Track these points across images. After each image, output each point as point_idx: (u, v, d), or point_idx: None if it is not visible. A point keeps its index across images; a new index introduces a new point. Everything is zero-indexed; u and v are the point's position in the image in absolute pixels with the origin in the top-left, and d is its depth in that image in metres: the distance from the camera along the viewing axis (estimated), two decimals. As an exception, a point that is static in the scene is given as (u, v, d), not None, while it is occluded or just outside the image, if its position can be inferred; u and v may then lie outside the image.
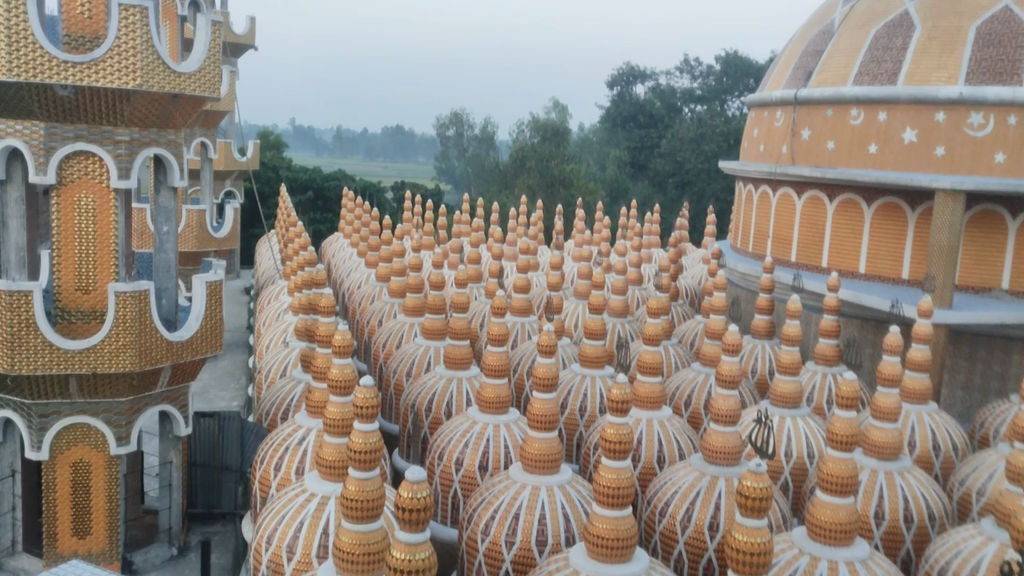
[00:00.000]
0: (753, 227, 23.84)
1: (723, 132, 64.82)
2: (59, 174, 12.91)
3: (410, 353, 18.44)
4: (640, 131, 75.64)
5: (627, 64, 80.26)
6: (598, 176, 69.83)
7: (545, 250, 33.03)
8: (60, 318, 13.26)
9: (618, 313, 21.06)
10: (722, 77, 76.94)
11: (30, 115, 12.65)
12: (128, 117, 13.07)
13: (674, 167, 65.96)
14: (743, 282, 23.31)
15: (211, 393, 24.97)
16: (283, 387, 16.01)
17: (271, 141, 70.38)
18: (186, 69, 13.46)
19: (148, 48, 12.74)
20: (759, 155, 23.57)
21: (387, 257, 24.71)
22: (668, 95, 79.03)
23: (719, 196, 57.47)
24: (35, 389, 12.72)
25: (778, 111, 22.66)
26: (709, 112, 72.12)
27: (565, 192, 57.52)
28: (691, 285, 28.14)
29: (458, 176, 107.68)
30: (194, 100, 13.87)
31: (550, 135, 64.51)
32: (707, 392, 16.79)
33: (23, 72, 12.11)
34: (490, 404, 13.97)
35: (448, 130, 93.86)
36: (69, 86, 12.38)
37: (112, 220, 13.23)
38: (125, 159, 13.17)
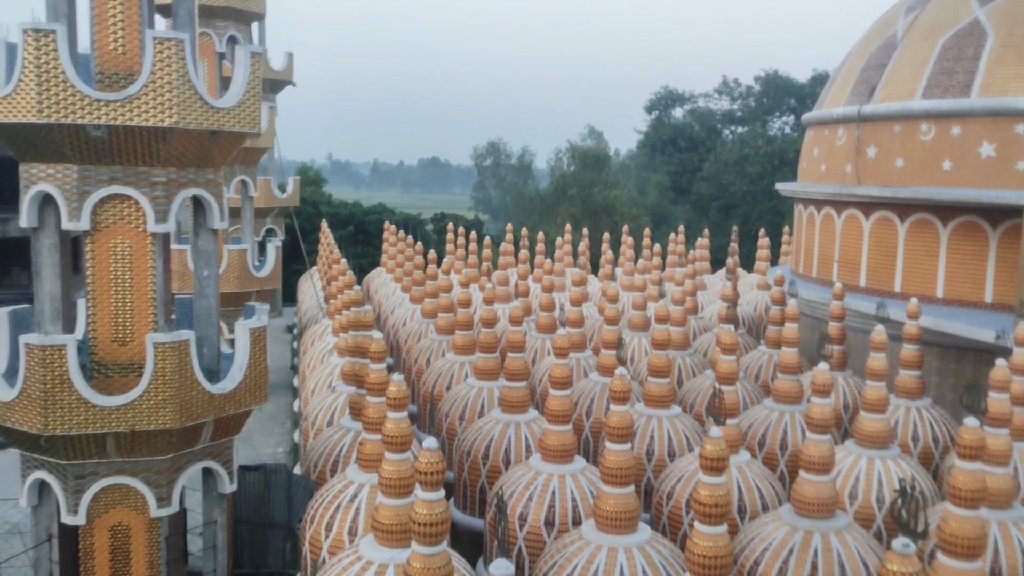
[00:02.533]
0: (817, 251, 22.60)
1: (767, 153, 63.49)
2: (93, 219, 12.22)
3: (462, 395, 17.48)
4: (680, 155, 74.53)
5: (665, 88, 79.45)
6: (640, 202, 68.75)
7: (593, 279, 31.99)
8: (96, 372, 12.51)
9: (679, 346, 19.93)
10: (762, 98, 75.69)
11: (62, 158, 12.00)
12: (165, 157, 12.38)
13: (718, 190, 64.68)
14: (808, 309, 22.05)
15: (255, 439, 24.20)
16: (331, 436, 15.11)
17: (310, 176, 70.42)
18: (225, 104, 12.77)
19: (184, 83, 12.06)
20: (820, 175, 22.39)
21: (433, 292, 23.85)
22: (707, 118, 77.92)
23: (766, 218, 56.06)
24: (70, 449, 11.95)
25: (840, 129, 21.49)
26: (751, 133, 70.81)
27: (608, 219, 56.50)
28: (748, 312, 26.90)
29: (495, 206, 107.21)
30: (233, 137, 13.15)
31: (590, 162, 63.69)
32: (782, 431, 15.58)
33: (54, 113, 11.48)
34: (554, 452, 12.93)
35: (485, 160, 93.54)
36: (102, 126, 11.72)
37: (149, 266, 12.50)
38: (162, 201, 12.46)
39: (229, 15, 26.78)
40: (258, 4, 27.94)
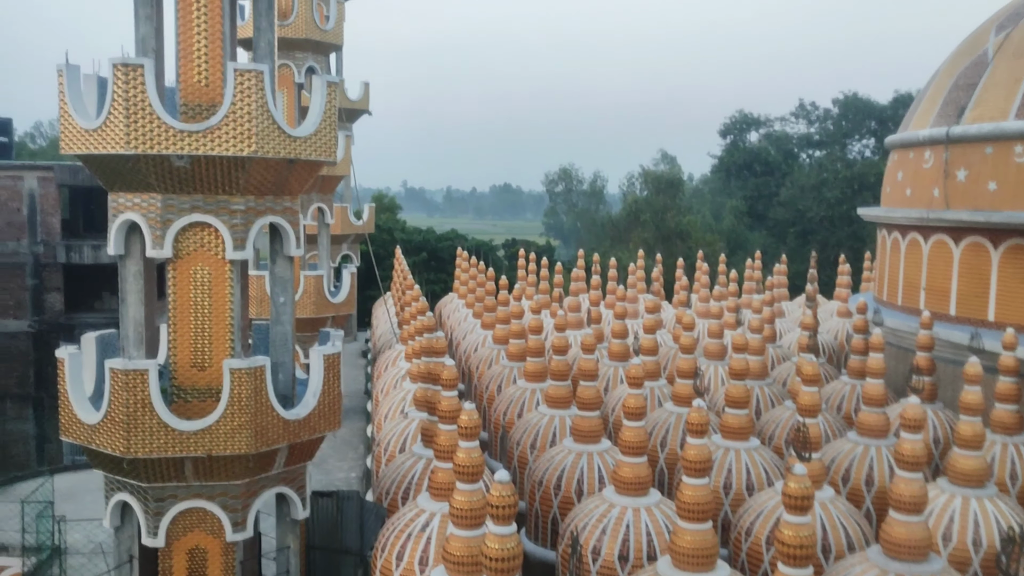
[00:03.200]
0: (902, 278, 21.79)
1: (846, 177, 61.95)
2: (175, 247, 12.50)
3: (534, 423, 17.29)
4: (756, 180, 73.29)
5: (740, 112, 78.40)
6: (714, 227, 67.78)
7: (667, 306, 31.48)
8: (176, 397, 12.74)
9: (757, 375, 19.38)
10: (841, 120, 74.03)
11: (147, 187, 12.32)
12: (244, 185, 12.60)
13: (795, 215, 63.32)
14: (894, 338, 21.23)
15: (329, 464, 24.40)
16: (403, 463, 15.08)
17: (385, 204, 71.52)
18: (302, 133, 12.96)
19: (264, 113, 12.29)
20: (905, 200, 21.63)
21: (504, 318, 23.76)
22: (784, 141, 76.55)
23: (846, 244, 54.58)
24: (151, 472, 12.16)
25: (926, 151, 20.76)
26: (829, 157, 69.24)
27: (682, 245, 55.80)
28: (828, 341, 26.07)
29: (567, 231, 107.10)
30: (310, 165, 13.34)
31: (663, 187, 63.13)
32: (868, 467, 14.94)
33: (141, 144, 11.80)
34: (628, 485, 12.63)
35: (557, 186, 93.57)
36: (185, 156, 12.00)
37: (228, 293, 12.71)
38: (241, 229, 12.68)
39: (308, 47, 27.41)
40: (336, 36, 28.55)
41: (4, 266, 36.01)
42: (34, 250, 36.20)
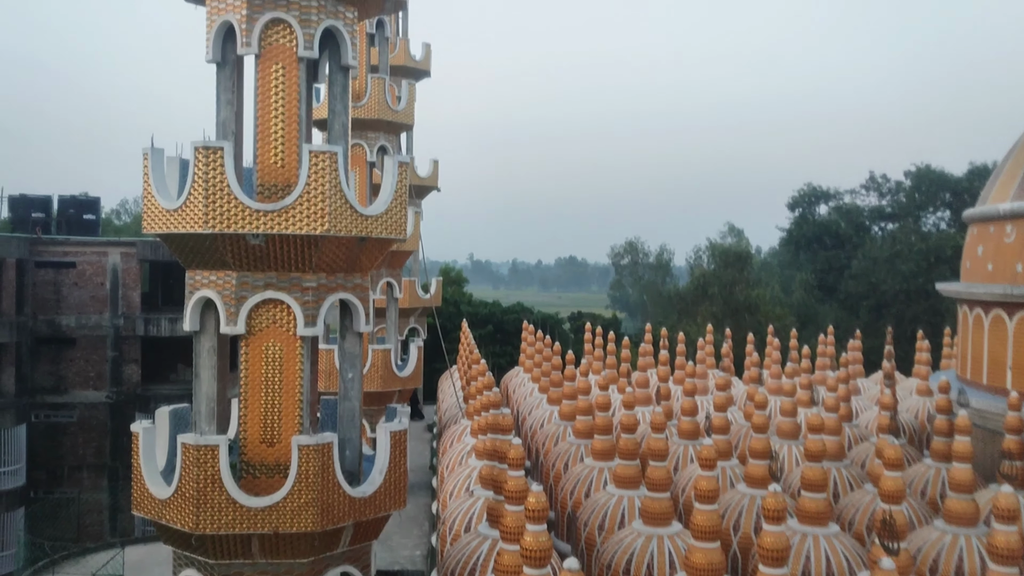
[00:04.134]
0: (986, 356, 20.95)
1: (920, 250, 60.46)
2: (248, 323, 12.74)
3: (602, 503, 16.88)
4: (826, 252, 72.05)
5: (808, 185, 77.66)
6: (784, 301, 66.55)
7: (738, 382, 30.78)
8: (245, 472, 12.82)
9: (833, 456, 18.67)
10: (913, 193, 72.62)
11: (223, 265, 12.65)
12: (316, 263, 12.85)
13: (868, 289, 61.84)
14: (979, 420, 20.31)
15: (393, 540, 24.17)
16: (469, 543, 14.82)
17: (452, 277, 72.29)
18: (373, 212, 13.21)
19: (336, 193, 12.58)
20: (987, 275, 20.93)
21: (571, 394, 23.48)
22: (854, 214, 75.30)
23: (923, 319, 52.97)
24: (218, 549, 12.18)
25: (1008, 225, 20.13)
26: (903, 229, 67.79)
27: (752, 319, 54.86)
28: (908, 420, 25.06)
29: (633, 304, 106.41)
30: (381, 243, 13.56)
31: (731, 260, 62.46)
32: (957, 557, 14.13)
33: (218, 224, 12.17)
34: (701, 571, 12.13)
35: (623, 259, 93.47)
36: (260, 235, 12.32)
37: (298, 369, 12.85)
38: (312, 306, 12.88)
39: (380, 127, 28.18)
40: (407, 116, 29.32)
41: (87, 338, 37.28)
42: (115, 323, 37.42)
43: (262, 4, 13.06)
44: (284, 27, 13.16)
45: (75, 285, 37.13)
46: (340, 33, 13.68)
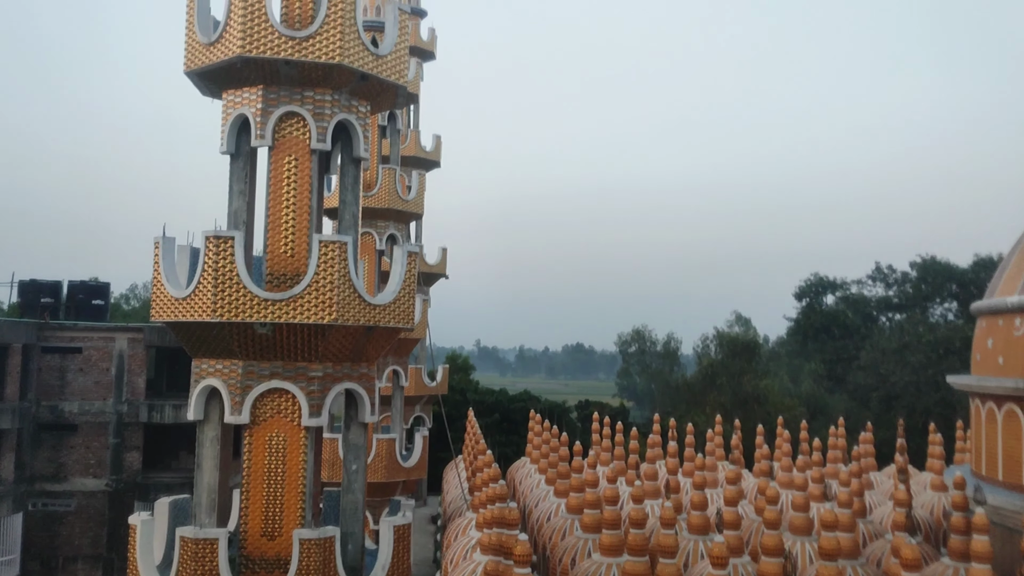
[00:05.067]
0: (1000, 451, 20.55)
1: (929, 341, 60.11)
2: (253, 413, 12.64)
3: (610, 602, 16.36)
4: (834, 343, 71.74)
5: (815, 275, 77.86)
6: (793, 391, 65.98)
7: (748, 475, 30.22)
8: (244, 567, 12.51)
9: (848, 554, 18.14)
10: (920, 284, 72.70)
11: (229, 354, 12.62)
12: (323, 352, 12.81)
13: (877, 380, 61.29)
14: (996, 517, 19.79)
15: (394, 637, 23.38)
16: (472, 643, 14.32)
17: (459, 364, 72.02)
18: (381, 301, 13.24)
19: (345, 283, 12.63)
20: (998, 368, 20.71)
21: (578, 486, 23.04)
22: (862, 304, 75.25)
23: (934, 411, 52.32)
24: (213, 647, 11.80)
25: (1016, 319, 20.03)
26: (910, 320, 67.58)
27: (760, 409, 54.28)
28: (923, 516, 24.46)
29: (640, 393, 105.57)
30: (388, 332, 13.54)
31: (739, 350, 62.21)
32: (980, 663, 13.57)
33: (226, 312, 12.19)
34: (714, 677, 11.68)
35: (630, 347, 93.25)
36: (268, 324, 12.32)
37: (301, 460, 12.68)
38: (317, 396, 12.79)
39: (390, 216, 28.54)
40: (417, 205, 29.73)
41: (89, 425, 36.98)
42: (118, 409, 37.18)
43: (277, 98, 13.38)
44: (298, 120, 13.45)
45: (80, 370, 37.05)
46: (353, 126, 13.97)
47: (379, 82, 13.92)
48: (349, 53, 13.24)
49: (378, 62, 13.79)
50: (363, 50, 13.57)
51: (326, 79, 13.38)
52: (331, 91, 13.55)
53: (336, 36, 13.14)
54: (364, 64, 13.52)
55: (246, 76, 13.34)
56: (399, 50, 14.18)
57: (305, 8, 13.84)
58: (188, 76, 13.79)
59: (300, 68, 13.16)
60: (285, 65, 13.11)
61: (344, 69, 13.25)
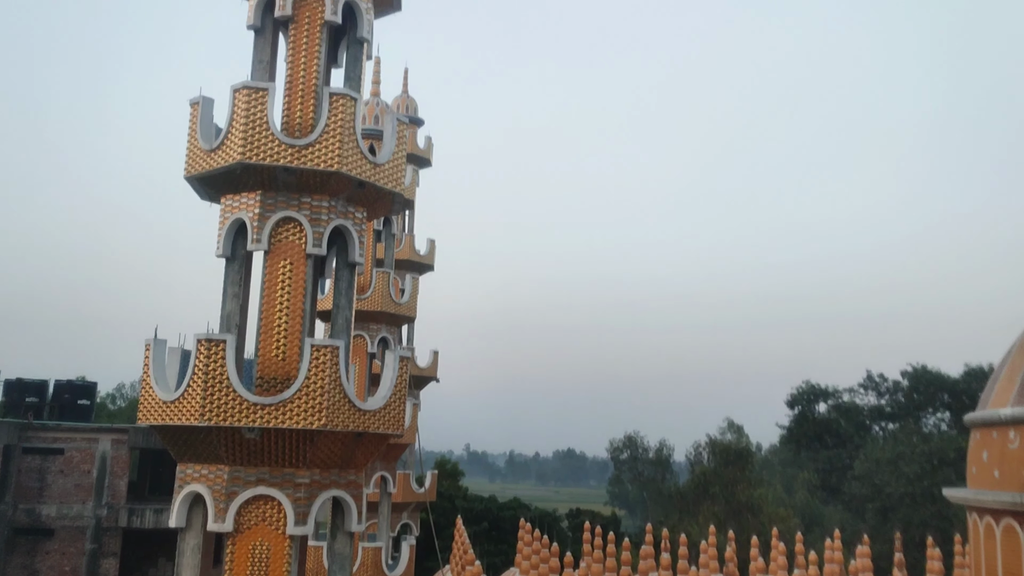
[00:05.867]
0: (1000, 568, 20.10)
1: (923, 452, 59.63)
2: (236, 521, 12.33)
3: None
4: (828, 452, 71.12)
5: (806, 383, 77.84)
6: (787, 501, 64.92)
7: (743, 590, 29.38)
8: None
9: (848, 677, 17.51)
10: (912, 393, 72.65)
11: (216, 459, 12.42)
12: (310, 458, 12.61)
13: (872, 491, 60.45)
14: (1000, 637, 19.20)
15: None
16: None
17: (448, 469, 70.89)
18: (372, 407, 13.13)
19: (336, 388, 12.55)
20: (994, 481, 20.43)
21: (569, 600, 22.36)
22: (854, 413, 74.98)
23: (931, 523, 51.42)
24: None
25: (1011, 431, 19.89)
26: (904, 430, 67.21)
27: (755, 519, 53.26)
28: (924, 636, 23.74)
29: (632, 501, 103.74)
30: (378, 438, 13.38)
31: (732, 458, 61.50)
32: None
33: (215, 417, 12.06)
34: None
35: (621, 453, 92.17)
36: (256, 428, 12.16)
37: (284, 570, 12.30)
38: (303, 503, 12.51)
39: (382, 319, 28.59)
40: (410, 309, 29.82)
41: (66, 529, 35.98)
42: (98, 513, 36.26)
43: (275, 204, 13.59)
44: (295, 226, 13.63)
45: (61, 472, 36.28)
46: (349, 232, 14.14)
47: (376, 189, 14.16)
48: (347, 161, 13.53)
49: (376, 170, 14.07)
50: (361, 158, 13.87)
51: (324, 186, 13.62)
52: (328, 197, 13.78)
53: (335, 144, 13.44)
54: (362, 172, 13.79)
55: (245, 182, 13.57)
56: (396, 159, 14.50)
57: (306, 116, 14.21)
58: (188, 181, 14.03)
59: (299, 175, 13.41)
60: (284, 172, 13.36)
61: (342, 177, 13.50)
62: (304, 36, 14.38)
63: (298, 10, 14.37)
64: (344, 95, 13.72)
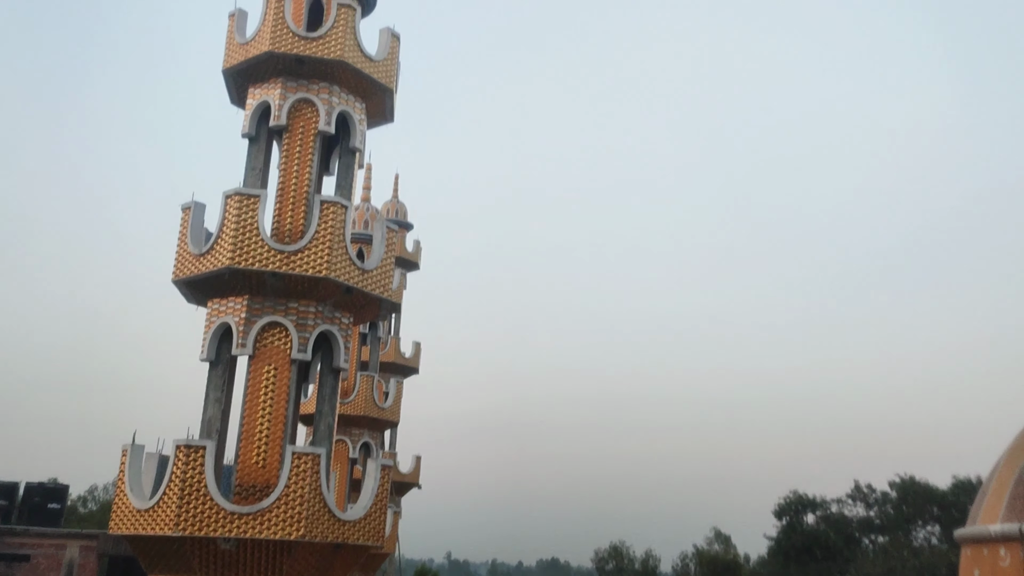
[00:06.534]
0: None
1: (914, 566, 58.44)
2: (207, 638, 11.83)
3: None
4: (817, 564, 69.42)
5: (794, 493, 76.68)
6: (777, 616, 63.02)
7: None
8: None
9: None
10: (900, 505, 71.59)
11: (188, 570, 12.01)
12: (287, 570, 12.22)
13: (864, 607, 58.91)
14: None
15: None
16: None
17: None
18: (352, 517, 12.82)
19: (315, 497, 12.27)
20: (988, 600, 20.01)
21: None
22: (843, 525, 73.59)
23: (926, 641, 49.86)
24: None
25: (1001, 548, 19.60)
26: (894, 544, 65.96)
27: (744, 637, 51.53)
28: None
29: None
30: (357, 549, 13.00)
31: (720, 570, 60.03)
32: None
33: (189, 527, 11.72)
34: None
35: (607, 563, 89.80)
36: (232, 539, 11.81)
37: None
38: (278, 618, 12.04)
39: (365, 424, 28.23)
40: (393, 413, 29.51)
41: (22, 643, 34.39)
42: (62, 625, 34.75)
43: (261, 308, 13.58)
44: (280, 331, 13.59)
45: (26, 579, 34.87)
46: (335, 337, 14.11)
47: (364, 295, 14.20)
48: (336, 267, 13.60)
49: (364, 276, 14.14)
50: (350, 264, 13.96)
51: (312, 291, 13.66)
52: (315, 303, 13.79)
53: (324, 250, 13.54)
54: (350, 278, 13.86)
55: (233, 286, 13.59)
56: (385, 265, 14.60)
57: (296, 222, 14.37)
58: (176, 284, 14.04)
59: (287, 280, 13.46)
60: (272, 277, 13.41)
61: (330, 282, 13.56)
62: (298, 145, 14.68)
63: (293, 120, 14.71)
64: (335, 203, 13.92)
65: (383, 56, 15.30)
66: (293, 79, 14.72)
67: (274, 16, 14.50)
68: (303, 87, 14.72)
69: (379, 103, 15.64)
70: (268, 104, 14.76)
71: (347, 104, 15.03)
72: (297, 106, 14.71)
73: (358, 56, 14.80)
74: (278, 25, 14.43)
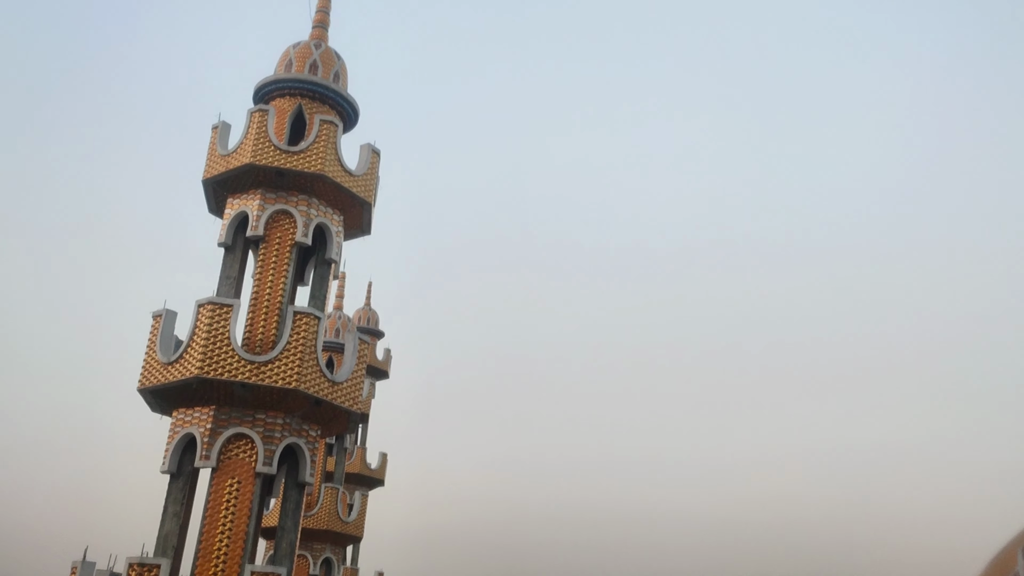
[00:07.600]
0: None
1: None
2: None
3: None
4: None
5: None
6: None
7: None
8: None
9: None
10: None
11: None
12: None
13: None
14: None
15: None
16: None
17: None
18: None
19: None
20: None
21: None
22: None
23: None
24: None
25: None
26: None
27: None
28: None
29: None
30: None
31: None
32: None
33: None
34: None
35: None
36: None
37: None
38: None
39: (328, 538, 27.33)
40: (357, 528, 28.65)
41: None
42: None
43: (228, 419, 13.30)
44: (246, 443, 13.29)
45: None
46: (301, 451, 13.80)
47: (333, 408, 13.98)
48: (306, 379, 13.42)
49: (333, 388, 13.95)
50: (320, 376, 13.79)
51: (280, 403, 13.43)
52: (283, 415, 13.54)
53: (295, 362, 13.38)
54: (320, 391, 13.67)
55: (200, 396, 13.34)
56: (355, 377, 14.43)
57: (268, 332, 14.24)
58: (141, 393, 13.74)
59: (255, 391, 13.24)
60: (241, 387, 13.19)
61: (299, 394, 13.35)
62: (274, 255, 14.70)
63: (270, 231, 14.76)
64: (308, 313, 13.85)
65: (363, 171, 15.54)
66: (272, 191, 14.85)
67: (257, 129, 14.74)
68: (282, 199, 14.84)
69: (357, 216, 15.78)
70: (246, 214, 14.83)
71: (325, 216, 15.15)
72: (275, 217, 14.79)
73: (338, 170, 15.01)
74: (260, 138, 14.65)
